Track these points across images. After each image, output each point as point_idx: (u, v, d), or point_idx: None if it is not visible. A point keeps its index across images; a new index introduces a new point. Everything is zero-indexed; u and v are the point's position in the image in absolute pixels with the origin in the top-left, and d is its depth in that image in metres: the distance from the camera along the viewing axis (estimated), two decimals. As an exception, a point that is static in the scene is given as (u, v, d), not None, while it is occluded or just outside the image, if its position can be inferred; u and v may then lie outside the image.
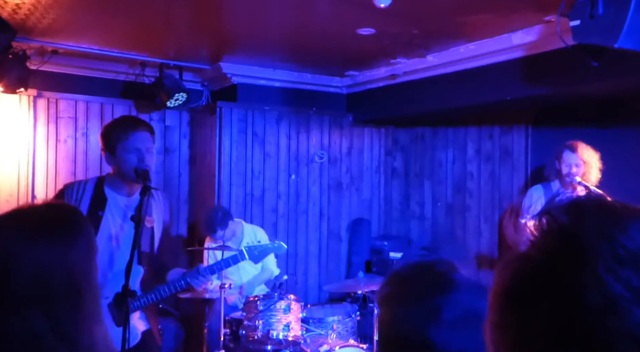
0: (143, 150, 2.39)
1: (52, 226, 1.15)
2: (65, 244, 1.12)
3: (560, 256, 0.59)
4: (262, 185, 5.14)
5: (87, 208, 2.39)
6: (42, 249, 1.08)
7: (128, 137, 2.37)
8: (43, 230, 1.12)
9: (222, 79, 5.08)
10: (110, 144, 2.41)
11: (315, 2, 3.26)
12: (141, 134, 2.41)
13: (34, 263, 1.06)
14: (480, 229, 5.08)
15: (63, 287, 1.07)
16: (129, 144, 2.37)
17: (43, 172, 4.73)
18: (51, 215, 1.19)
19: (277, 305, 3.63)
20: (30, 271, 1.06)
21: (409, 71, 4.75)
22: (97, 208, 2.40)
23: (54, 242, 1.11)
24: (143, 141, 2.41)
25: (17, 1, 3.23)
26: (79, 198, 2.41)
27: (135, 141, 2.38)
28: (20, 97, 4.53)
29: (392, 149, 5.86)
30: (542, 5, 3.22)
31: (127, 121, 2.53)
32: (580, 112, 4.26)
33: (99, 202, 2.42)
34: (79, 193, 2.42)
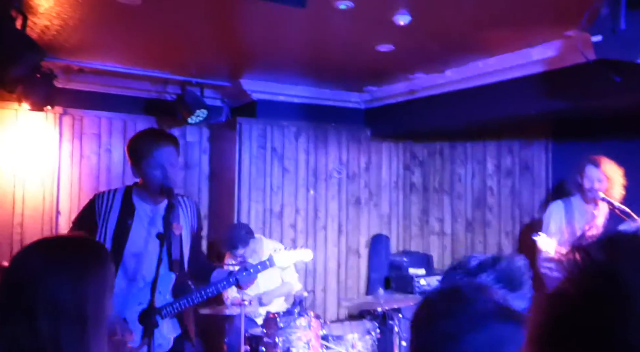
0: (167, 166, 2.43)
1: (71, 257, 1.23)
2: (80, 274, 1.20)
3: (599, 295, 0.58)
4: (281, 200, 5.16)
5: (117, 217, 2.45)
6: (58, 277, 1.17)
7: (152, 154, 2.42)
8: (62, 260, 1.21)
9: (242, 96, 5.14)
10: (135, 158, 2.46)
11: (334, 21, 3.30)
12: (165, 150, 2.45)
13: (49, 288, 1.15)
14: (501, 245, 5.03)
15: (72, 312, 1.15)
16: (153, 160, 2.42)
17: (67, 188, 4.82)
18: (72, 247, 1.28)
19: (297, 322, 3.61)
20: (44, 295, 1.14)
21: (427, 86, 4.77)
22: (126, 217, 2.46)
23: (70, 272, 1.19)
24: (167, 157, 2.44)
25: (47, 22, 3.33)
26: (109, 207, 2.46)
27: (159, 157, 2.42)
28: (47, 114, 4.64)
29: (410, 164, 5.86)
30: (562, 21, 3.22)
31: (152, 136, 2.54)
32: (601, 125, 4.22)
33: (128, 211, 2.47)
34: (109, 202, 2.47)
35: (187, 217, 2.62)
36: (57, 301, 1.14)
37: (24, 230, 4.62)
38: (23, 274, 1.17)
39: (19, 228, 4.63)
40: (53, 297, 1.14)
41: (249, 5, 2.97)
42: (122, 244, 2.42)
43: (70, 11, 3.15)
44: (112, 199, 2.49)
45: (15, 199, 4.63)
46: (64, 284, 1.16)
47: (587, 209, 3.73)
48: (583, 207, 3.73)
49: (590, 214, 3.73)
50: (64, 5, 3.06)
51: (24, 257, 1.22)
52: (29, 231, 4.64)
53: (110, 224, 2.45)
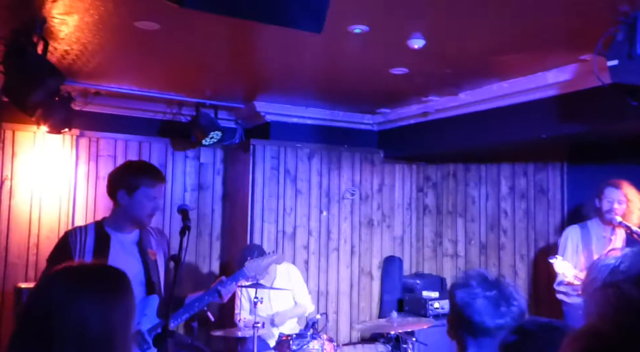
0: (158, 200, 2.56)
1: (98, 284, 1.24)
2: (108, 301, 1.20)
3: (635, 332, 0.58)
4: (294, 222, 5.16)
5: (92, 248, 2.47)
6: (86, 304, 1.17)
7: (155, 186, 2.53)
8: (89, 287, 1.21)
9: (256, 117, 5.19)
10: (132, 185, 2.50)
11: (349, 44, 3.33)
12: (162, 186, 2.60)
13: (76, 316, 1.14)
14: (516, 268, 4.97)
15: (99, 340, 1.14)
16: (152, 192, 2.52)
17: (83, 209, 4.86)
18: (97, 274, 1.29)
19: (310, 345, 3.59)
20: (72, 320, 1.14)
21: (441, 109, 4.77)
22: (102, 248, 2.48)
23: (97, 299, 1.19)
24: (161, 192, 2.60)
25: (67, 47, 3.40)
26: (84, 241, 2.49)
27: (157, 191, 2.55)
28: (64, 136, 4.70)
29: (423, 186, 5.84)
30: (577, 45, 3.23)
31: (155, 171, 2.63)
32: (616, 149, 4.19)
33: (103, 242, 2.50)
34: (83, 236, 2.50)
35: (159, 243, 2.68)
36: (84, 330, 1.13)
37: (40, 251, 4.65)
38: (48, 303, 1.16)
39: (35, 249, 4.66)
40: (80, 325, 1.13)
41: (264, 29, 3.01)
42: None
43: (90, 36, 3.22)
44: (86, 233, 2.52)
45: (31, 220, 4.67)
46: (92, 311, 1.15)
47: (604, 234, 3.68)
48: (600, 232, 3.69)
49: (607, 239, 3.69)
50: (84, 31, 3.13)
51: (48, 285, 1.21)
52: (44, 252, 4.66)
53: (87, 258, 2.47)
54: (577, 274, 3.44)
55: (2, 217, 4.58)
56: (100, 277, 1.26)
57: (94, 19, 2.94)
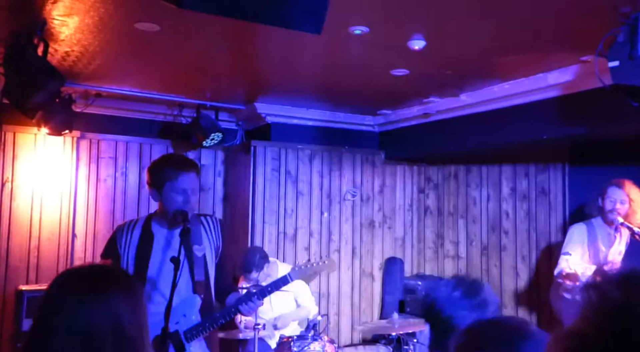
0: (189, 191, 2.46)
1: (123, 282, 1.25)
2: (135, 299, 1.22)
3: (616, 334, 0.58)
4: (295, 223, 5.15)
5: (136, 246, 2.49)
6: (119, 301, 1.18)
7: (177, 178, 2.43)
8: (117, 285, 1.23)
9: (257, 119, 5.18)
10: (158, 181, 2.47)
11: (349, 46, 3.33)
12: (189, 175, 2.47)
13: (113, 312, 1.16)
14: (517, 269, 4.96)
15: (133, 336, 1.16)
16: (178, 184, 2.43)
17: (83, 211, 4.86)
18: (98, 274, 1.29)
19: (311, 346, 3.58)
20: (78, 322, 1.14)
21: (442, 110, 4.77)
22: (145, 245, 2.49)
23: (127, 296, 1.21)
24: (190, 182, 2.47)
25: (67, 49, 3.40)
26: (129, 237, 2.52)
27: (183, 182, 2.44)
28: (65, 138, 4.70)
29: (425, 187, 5.83)
30: (578, 46, 3.22)
31: (178, 161, 2.57)
32: (618, 150, 4.18)
33: (147, 239, 2.51)
34: (129, 233, 2.53)
35: (212, 236, 2.61)
36: (120, 327, 1.14)
37: (40, 253, 4.65)
38: (55, 304, 1.17)
39: (36, 251, 4.66)
40: (116, 323, 1.14)
41: (264, 30, 3.01)
42: (142, 272, 2.45)
43: (90, 38, 3.22)
44: (133, 229, 2.53)
45: (32, 222, 4.67)
46: (124, 309, 1.17)
47: (609, 232, 3.68)
48: (605, 230, 3.68)
49: (612, 236, 3.68)
50: (84, 33, 3.13)
51: (55, 288, 1.22)
52: (45, 254, 4.67)
53: (130, 254, 2.48)
54: (585, 272, 3.43)
55: (3, 219, 4.58)
56: (125, 278, 1.29)
57: (95, 21, 2.94)
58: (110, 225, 4.91)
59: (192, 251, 2.49)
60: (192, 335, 2.45)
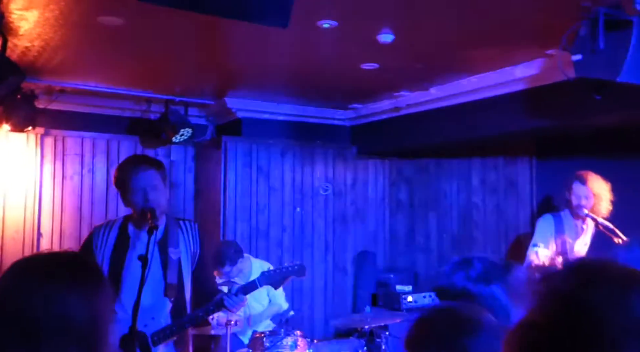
0: (148, 188, 2.41)
1: (79, 272, 1.17)
2: (90, 290, 1.14)
3: (565, 323, 0.60)
4: (267, 219, 5.13)
5: (112, 248, 2.44)
6: (70, 292, 1.10)
7: (131, 179, 2.41)
8: (71, 275, 1.14)
9: (227, 114, 5.13)
10: (119, 187, 2.48)
11: (318, 39, 3.31)
12: (143, 173, 2.43)
13: (61, 303, 1.08)
14: (488, 261, 5.03)
15: (84, 329, 1.09)
16: (132, 184, 2.41)
17: (49, 209, 4.74)
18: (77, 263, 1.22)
19: (283, 341, 3.57)
20: (56, 310, 1.07)
21: (412, 104, 4.79)
22: (121, 247, 2.45)
23: (81, 287, 1.13)
24: (146, 180, 2.42)
25: (27, 44, 3.30)
26: (105, 239, 2.47)
27: (138, 181, 2.40)
28: (28, 135, 4.58)
29: (396, 181, 5.86)
30: (544, 40, 3.27)
31: (130, 162, 2.54)
32: (583, 142, 4.26)
33: (123, 241, 2.47)
34: (105, 234, 2.49)
35: (188, 241, 2.57)
36: (69, 319, 1.07)
37: (4, 252, 4.52)
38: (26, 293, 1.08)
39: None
40: (65, 314, 1.07)
41: (232, 24, 2.96)
42: (117, 274, 2.40)
43: (51, 32, 3.13)
44: (109, 230, 2.49)
45: (-5, 221, 4.54)
46: (75, 300, 1.09)
47: (576, 224, 3.76)
48: (572, 222, 3.76)
49: (580, 228, 3.76)
50: (44, 27, 3.04)
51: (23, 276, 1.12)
52: (9, 253, 4.54)
53: (106, 256, 2.44)
54: (554, 263, 3.50)
55: (-36, 218, 4.44)
56: (79, 266, 1.20)
57: (55, 14, 2.86)
58: (77, 223, 4.81)
59: (167, 254, 2.46)
60: (159, 338, 2.39)
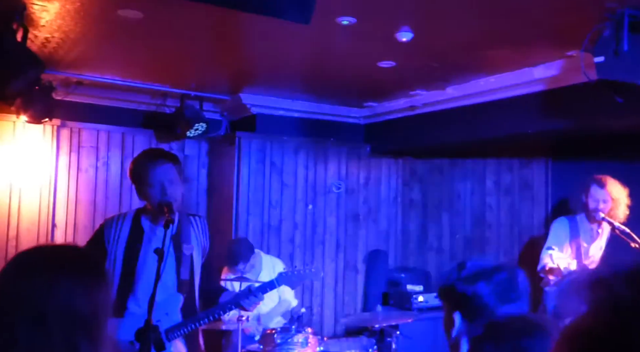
0: (165, 182, 2.40)
1: (81, 263, 1.20)
2: (92, 281, 1.16)
3: (627, 332, 0.57)
4: (279, 215, 5.13)
5: (126, 241, 2.43)
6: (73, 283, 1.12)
7: (148, 173, 2.40)
8: (74, 266, 1.17)
9: (242, 110, 5.13)
10: (136, 180, 2.47)
11: (336, 36, 3.29)
12: (161, 167, 2.42)
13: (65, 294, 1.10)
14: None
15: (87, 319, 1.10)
16: (150, 179, 2.40)
17: (64, 201, 4.77)
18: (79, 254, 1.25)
19: (294, 338, 3.57)
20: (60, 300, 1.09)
21: (428, 103, 4.76)
22: (135, 241, 2.44)
23: (84, 278, 1.15)
24: (164, 173, 2.42)
25: (47, 35, 3.32)
26: (118, 232, 2.45)
27: (155, 175, 2.40)
28: (44, 127, 4.61)
29: (409, 180, 5.84)
30: (564, 41, 3.23)
31: (147, 156, 2.54)
32: (600, 145, 4.21)
33: (137, 235, 2.46)
34: (118, 227, 2.47)
35: (199, 236, 2.58)
36: (73, 309, 1.08)
37: (19, 243, 4.56)
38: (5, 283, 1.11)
39: (14, 241, 4.57)
40: (68, 305, 1.08)
41: (250, 20, 2.96)
42: (132, 268, 2.40)
43: (71, 24, 3.14)
44: (122, 223, 2.47)
45: (10, 212, 4.58)
46: (78, 291, 1.11)
47: (591, 228, 3.72)
48: (587, 226, 3.72)
49: (595, 232, 3.72)
50: (65, 19, 3.05)
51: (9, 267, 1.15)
52: (24, 244, 4.57)
53: (119, 250, 2.43)
54: (568, 267, 3.47)
55: (-20, 209, 4.48)
56: (81, 258, 1.22)
57: (76, 7, 2.86)
58: (91, 215, 4.84)
59: (180, 249, 2.46)
60: (173, 335, 2.39)
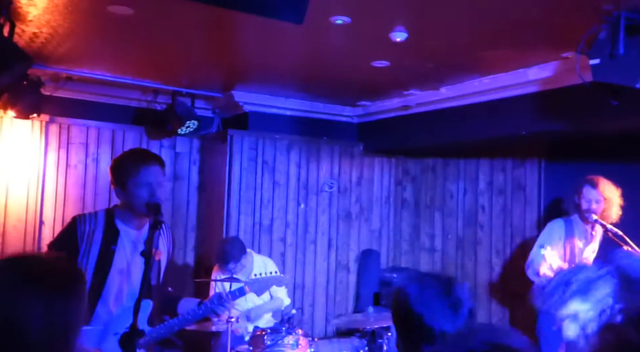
0: (154, 184, 2.34)
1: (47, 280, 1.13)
2: (54, 301, 1.11)
3: None
4: (271, 214, 5.09)
5: (100, 242, 2.35)
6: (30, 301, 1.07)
7: (139, 172, 2.33)
8: (36, 283, 1.11)
9: (234, 107, 5.08)
10: (120, 178, 2.36)
11: (330, 36, 3.26)
12: (152, 168, 2.37)
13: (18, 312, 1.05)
14: (492, 263, 4.99)
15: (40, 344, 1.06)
16: (140, 178, 2.33)
17: (52, 198, 4.71)
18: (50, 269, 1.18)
19: (284, 340, 3.54)
20: (11, 319, 1.04)
21: (421, 103, 4.74)
22: (110, 242, 2.36)
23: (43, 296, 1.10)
24: (154, 175, 2.36)
25: (35, 30, 3.26)
26: (92, 231, 2.36)
27: (146, 176, 2.34)
28: (33, 122, 4.54)
29: (402, 180, 5.81)
30: (560, 42, 3.21)
31: (138, 155, 2.49)
32: (594, 147, 4.21)
33: (111, 235, 2.37)
34: (92, 226, 2.37)
35: (165, 242, 2.54)
36: (24, 330, 1.04)
37: (6, 240, 4.50)
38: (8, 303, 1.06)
39: (1, 238, 4.51)
40: (20, 325, 1.04)
41: (243, 18, 2.91)
42: (105, 271, 2.33)
43: (60, 19, 3.08)
44: (95, 222, 2.38)
45: (-3, 209, 4.51)
46: (34, 310, 1.06)
47: (586, 229, 3.71)
48: (582, 228, 3.71)
49: (589, 234, 3.71)
50: (53, 14, 2.99)
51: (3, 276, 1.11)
52: (11, 241, 4.52)
53: (93, 250, 2.34)
54: (561, 266, 3.45)
55: (-34, 205, 4.41)
56: (50, 273, 1.14)
57: (64, 2, 2.81)
58: (80, 212, 4.76)
59: (151, 254, 2.41)
60: (144, 342, 2.33)
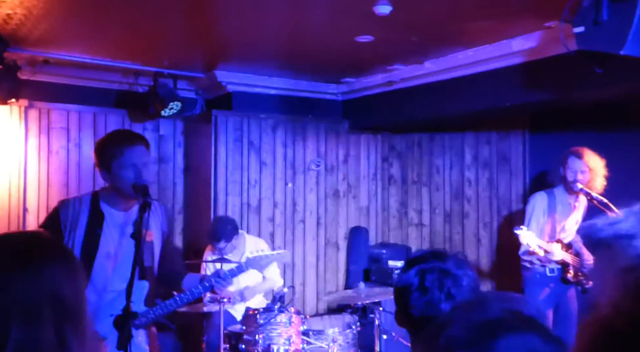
0: (139, 165, 2.32)
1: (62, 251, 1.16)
2: (74, 268, 1.12)
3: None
4: (259, 194, 5.07)
5: (85, 226, 2.32)
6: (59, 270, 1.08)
7: (123, 153, 2.30)
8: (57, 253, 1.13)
9: (217, 87, 5.01)
10: (105, 160, 2.33)
11: (313, 11, 3.22)
12: (137, 149, 2.34)
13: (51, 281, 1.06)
14: (479, 236, 5.05)
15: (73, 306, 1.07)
16: (125, 160, 2.30)
17: (35, 184, 4.63)
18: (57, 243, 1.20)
19: (277, 318, 3.56)
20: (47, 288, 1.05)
21: (406, 78, 4.72)
22: (95, 225, 2.34)
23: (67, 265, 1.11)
24: (139, 156, 2.34)
25: (9, 11, 3.16)
26: (76, 216, 2.34)
27: (131, 157, 2.30)
28: (11, 107, 4.44)
29: (388, 156, 5.82)
30: (543, 12, 3.20)
31: (122, 136, 2.45)
32: (577, 116, 4.23)
33: (96, 219, 2.35)
34: (76, 210, 2.35)
35: (157, 221, 2.51)
36: (60, 297, 1.04)
37: (-10, 229, 4.43)
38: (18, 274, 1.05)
39: (-16, 227, 4.44)
40: (55, 292, 1.04)
41: (224, -6, 2.86)
42: (91, 254, 2.30)
43: (34, 0, 2.99)
44: (80, 207, 2.36)
45: (-22, 197, 4.43)
46: (64, 278, 1.07)
47: (569, 202, 3.75)
48: (565, 199, 3.75)
49: (572, 206, 3.75)
50: (27, -6, 2.90)
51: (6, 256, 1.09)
52: (-5, 230, 4.46)
53: (78, 234, 2.32)
54: (540, 244, 3.49)
55: (-53, 194, 4.32)
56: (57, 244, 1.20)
57: (38, -20, 2.72)
58: (65, 198, 4.71)
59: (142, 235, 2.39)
60: (140, 322, 2.35)
